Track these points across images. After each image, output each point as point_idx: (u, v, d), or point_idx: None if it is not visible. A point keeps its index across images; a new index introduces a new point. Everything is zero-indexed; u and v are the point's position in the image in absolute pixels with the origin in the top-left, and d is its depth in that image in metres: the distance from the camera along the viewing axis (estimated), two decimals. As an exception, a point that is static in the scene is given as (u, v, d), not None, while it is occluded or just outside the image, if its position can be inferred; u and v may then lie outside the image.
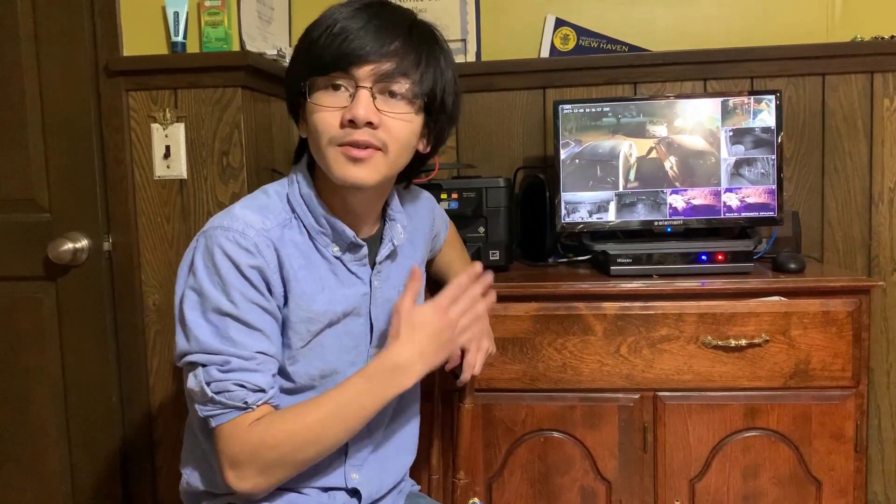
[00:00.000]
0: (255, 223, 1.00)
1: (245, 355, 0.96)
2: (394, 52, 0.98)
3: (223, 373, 0.96)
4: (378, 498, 1.15)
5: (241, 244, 0.97)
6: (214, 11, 1.58)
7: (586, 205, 1.67)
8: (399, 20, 1.01)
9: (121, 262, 1.63)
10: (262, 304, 0.99)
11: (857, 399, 1.46)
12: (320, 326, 1.05)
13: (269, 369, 1.00)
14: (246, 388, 0.96)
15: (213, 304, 0.97)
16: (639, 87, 1.91)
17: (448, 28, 1.97)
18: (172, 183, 1.60)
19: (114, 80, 1.59)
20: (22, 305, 1.68)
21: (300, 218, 1.05)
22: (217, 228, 0.99)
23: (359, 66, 0.97)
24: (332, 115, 0.98)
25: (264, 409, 0.98)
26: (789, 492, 1.48)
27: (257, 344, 0.98)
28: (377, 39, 0.97)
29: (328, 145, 0.99)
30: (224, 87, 1.56)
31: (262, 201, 1.05)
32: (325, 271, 1.06)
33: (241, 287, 0.97)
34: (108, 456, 1.69)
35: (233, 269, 0.97)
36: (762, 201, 1.64)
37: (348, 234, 1.05)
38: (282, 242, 1.02)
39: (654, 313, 1.47)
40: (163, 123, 1.59)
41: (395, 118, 1.00)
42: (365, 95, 0.97)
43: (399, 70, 0.99)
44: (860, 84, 1.86)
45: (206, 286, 0.97)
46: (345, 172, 0.99)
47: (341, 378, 1.07)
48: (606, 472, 1.50)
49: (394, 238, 1.13)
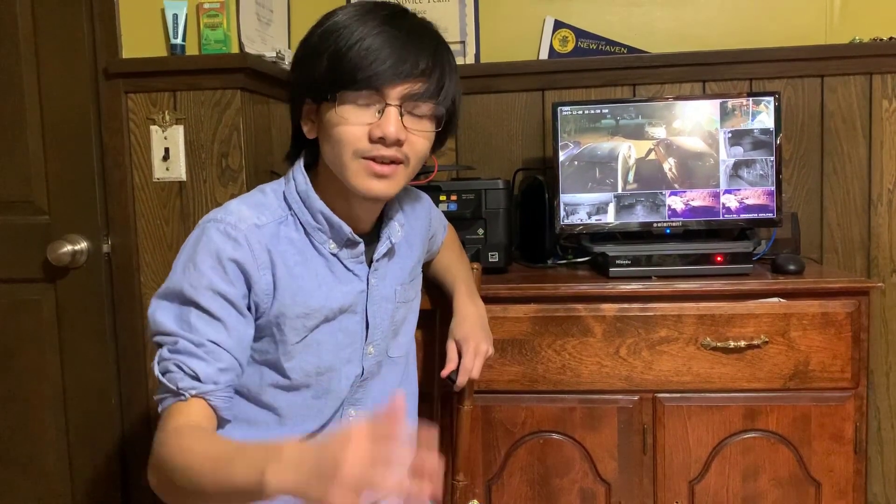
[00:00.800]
0: (249, 219, 1.01)
1: (195, 340, 0.95)
2: (423, 72, 1.00)
3: (171, 353, 0.95)
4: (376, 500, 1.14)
5: (229, 234, 0.98)
6: (213, 13, 1.58)
7: (585, 206, 1.67)
8: (425, 37, 1.03)
9: (120, 264, 1.63)
10: (230, 296, 0.97)
11: (856, 400, 1.46)
12: (316, 322, 1.05)
13: (217, 360, 0.95)
14: (183, 370, 0.93)
15: (179, 288, 0.97)
16: (638, 89, 1.91)
17: (447, 30, 1.95)
18: (172, 185, 1.60)
19: (113, 83, 1.59)
20: (21, 308, 1.68)
21: (297, 215, 1.06)
22: (210, 221, 1.01)
23: (391, 87, 0.98)
24: (359, 130, 0.99)
25: (198, 403, 0.94)
26: (789, 493, 1.48)
27: (213, 333, 0.96)
28: (409, 61, 0.99)
29: (352, 158, 1.00)
30: (223, 89, 1.56)
31: (258, 199, 1.06)
32: (322, 268, 1.07)
33: (211, 276, 0.97)
34: (108, 458, 1.69)
35: (210, 256, 0.97)
36: (761, 203, 1.65)
37: (345, 229, 1.06)
38: (276, 240, 1.02)
39: (654, 315, 1.47)
40: (162, 125, 1.59)
41: (418, 135, 1.02)
42: (395, 114, 0.99)
43: (427, 92, 1.01)
44: (859, 85, 1.87)
45: (178, 271, 0.99)
46: (368, 186, 1.01)
47: (337, 375, 1.08)
48: (606, 473, 1.50)
49: (391, 236, 1.14)
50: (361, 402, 1.14)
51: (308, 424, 1.09)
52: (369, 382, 1.15)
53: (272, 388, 1.06)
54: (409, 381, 1.25)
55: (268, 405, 1.07)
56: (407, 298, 1.19)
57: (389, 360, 1.18)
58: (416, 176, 1.38)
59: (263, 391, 1.06)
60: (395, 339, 1.18)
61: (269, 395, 1.06)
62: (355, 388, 1.12)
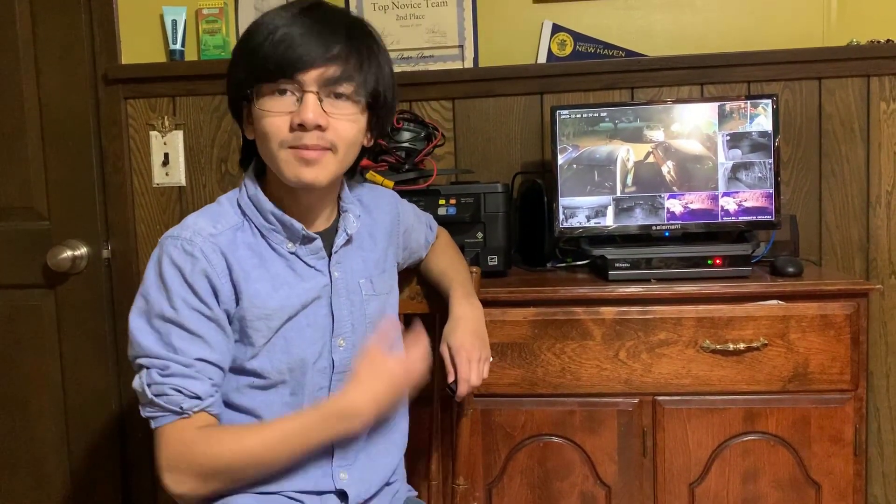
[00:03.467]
0: (204, 230, 1.04)
1: (185, 362, 0.99)
2: (337, 55, 1.02)
3: (163, 377, 0.99)
4: (367, 498, 1.15)
5: (186, 250, 1.01)
6: (212, 19, 1.59)
7: (584, 210, 1.67)
8: (338, 22, 1.05)
9: (120, 269, 1.64)
10: (205, 311, 1.02)
11: (855, 402, 1.46)
12: (279, 322, 1.07)
13: (208, 377, 1.02)
14: (183, 393, 0.99)
15: (156, 310, 1.01)
16: (636, 92, 1.91)
17: (446, 34, 1.97)
18: (171, 190, 1.61)
19: (112, 88, 1.60)
20: (22, 313, 1.68)
21: (251, 219, 1.09)
22: (168, 238, 1.04)
23: (305, 72, 1.00)
24: (280, 119, 1.02)
25: (202, 416, 1.01)
26: (789, 495, 1.48)
27: (198, 351, 1.01)
28: (320, 45, 1.01)
29: (279, 148, 1.03)
30: (222, 95, 1.57)
31: (213, 209, 1.10)
32: (282, 268, 1.09)
33: (184, 294, 1.00)
34: (108, 462, 1.69)
35: (178, 275, 1.01)
36: (760, 205, 1.65)
37: (297, 227, 1.08)
38: (233, 246, 1.05)
39: (653, 318, 1.47)
40: (161, 131, 1.59)
41: (342, 119, 1.03)
42: (312, 100, 1.01)
43: (344, 74, 1.02)
44: (857, 88, 1.87)
45: (151, 292, 1.01)
46: (297, 174, 1.03)
47: (311, 371, 1.10)
48: (606, 476, 1.50)
49: (347, 228, 1.15)
50: None
51: None
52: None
53: (249, 388, 1.08)
54: None
55: (246, 409, 1.08)
56: (378, 291, 1.20)
57: None
58: (415, 180, 1.38)
59: (241, 393, 1.08)
60: (375, 331, 1.18)
61: (247, 396, 1.08)
62: (336, 384, 1.13)
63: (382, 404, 1.05)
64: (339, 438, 1.07)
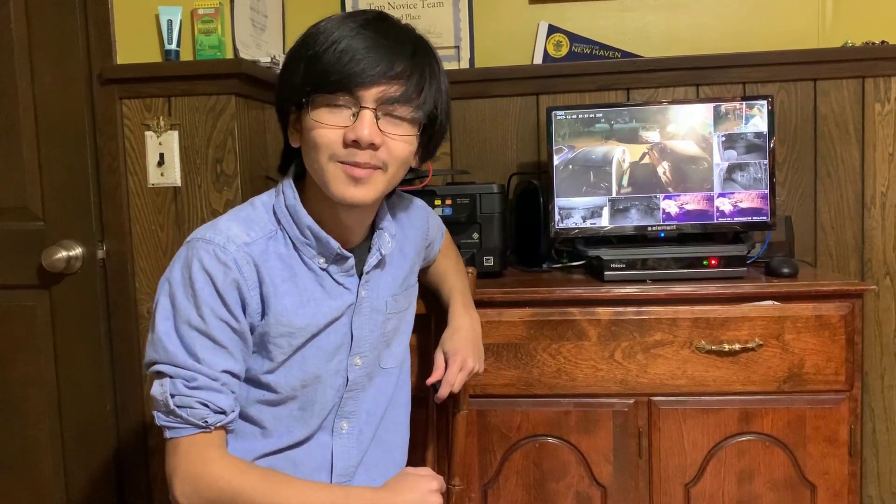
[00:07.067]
0: (238, 237, 1.00)
1: (211, 374, 0.97)
2: (399, 74, 0.98)
3: (189, 389, 0.96)
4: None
5: (220, 258, 0.98)
6: (208, 19, 1.58)
7: (580, 210, 1.67)
8: (403, 40, 1.01)
9: (115, 269, 1.63)
10: (232, 323, 0.99)
11: (850, 403, 1.46)
12: (301, 341, 1.04)
13: (232, 390, 1.00)
14: (209, 407, 0.96)
15: (184, 316, 0.97)
16: (631, 93, 1.92)
17: (441, 35, 1.97)
18: (166, 191, 1.60)
19: (107, 88, 1.59)
20: (15, 314, 1.67)
21: (285, 229, 1.05)
22: (199, 241, 0.99)
23: (365, 88, 0.96)
24: (334, 133, 0.98)
25: (220, 432, 0.99)
26: (784, 496, 1.48)
27: (223, 362, 0.98)
28: (384, 62, 0.97)
29: (328, 161, 0.98)
30: (218, 95, 1.57)
31: (247, 213, 1.05)
32: (311, 283, 1.05)
33: (212, 304, 0.97)
34: (103, 464, 1.68)
35: (208, 283, 0.97)
36: (755, 206, 1.65)
37: (333, 245, 1.05)
38: (265, 256, 1.02)
39: (648, 318, 1.47)
40: (157, 131, 1.59)
41: (396, 139, 1.00)
42: (369, 117, 0.97)
43: (404, 94, 0.98)
44: (851, 89, 1.87)
45: (179, 297, 0.97)
46: (344, 191, 0.99)
47: (323, 387, 1.07)
48: (601, 477, 1.51)
49: (382, 248, 1.11)
50: (355, 414, 1.13)
51: (294, 434, 1.08)
52: (361, 394, 1.13)
53: (258, 403, 1.06)
54: (403, 390, 1.23)
55: (253, 419, 1.06)
56: (399, 309, 1.17)
57: (382, 371, 1.16)
58: (411, 181, 1.38)
59: (249, 406, 1.06)
60: (388, 349, 1.17)
61: (255, 410, 1.06)
62: (346, 400, 1.11)
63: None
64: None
